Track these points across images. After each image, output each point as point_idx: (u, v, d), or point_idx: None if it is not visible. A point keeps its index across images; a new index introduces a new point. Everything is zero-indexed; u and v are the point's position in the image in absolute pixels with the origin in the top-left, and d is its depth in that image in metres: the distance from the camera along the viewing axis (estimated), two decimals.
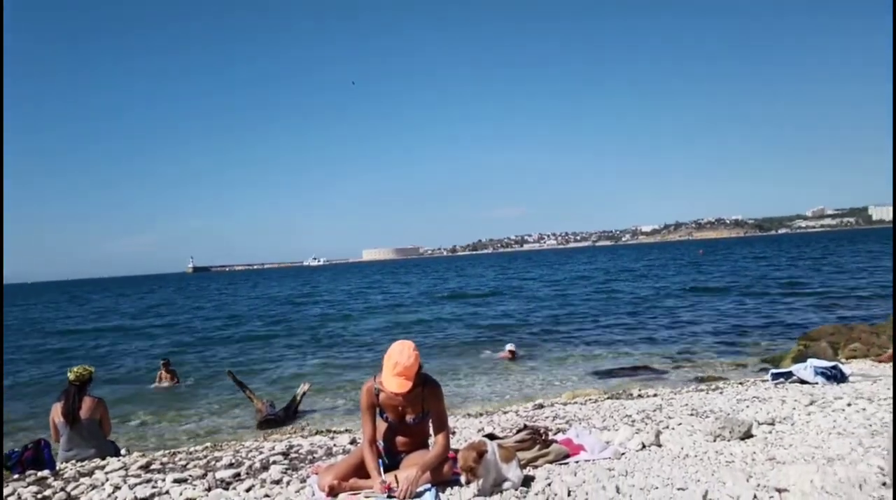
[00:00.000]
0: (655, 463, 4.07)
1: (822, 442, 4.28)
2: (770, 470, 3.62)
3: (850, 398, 5.63)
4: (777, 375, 7.45)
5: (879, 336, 9.70)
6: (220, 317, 29.57)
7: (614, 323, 18.07)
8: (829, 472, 3.35)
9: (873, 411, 5.06)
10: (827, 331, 10.77)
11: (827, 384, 6.70)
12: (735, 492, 3.24)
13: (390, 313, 26.42)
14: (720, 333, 14.90)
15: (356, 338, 18.37)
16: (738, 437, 4.57)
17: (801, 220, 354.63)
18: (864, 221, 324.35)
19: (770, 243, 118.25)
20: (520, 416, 6.74)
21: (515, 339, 14.77)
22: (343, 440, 5.94)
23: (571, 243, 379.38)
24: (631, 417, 5.94)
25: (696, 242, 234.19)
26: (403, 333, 18.71)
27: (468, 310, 25.51)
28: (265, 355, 15.86)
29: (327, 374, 12.63)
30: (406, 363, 3.60)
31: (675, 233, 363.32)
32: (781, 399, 6.03)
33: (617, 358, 12.35)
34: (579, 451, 4.42)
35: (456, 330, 18.78)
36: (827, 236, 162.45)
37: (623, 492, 3.47)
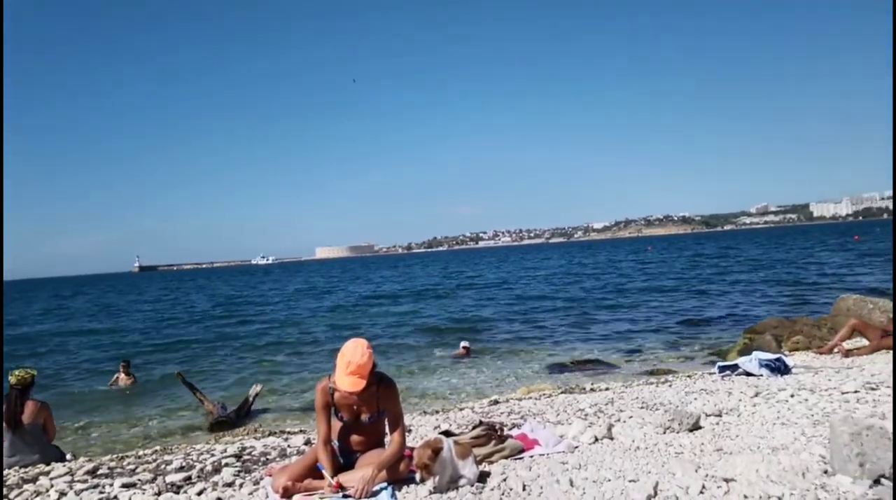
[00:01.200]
0: (608, 456, 4.15)
1: (767, 432, 4.43)
2: (718, 461, 3.72)
3: (793, 390, 5.83)
4: (723, 368, 7.65)
5: (821, 329, 10.05)
6: (169, 318, 28.86)
7: (568, 319, 18.31)
8: (774, 461, 3.47)
9: (815, 402, 5.25)
10: (771, 324, 11.11)
11: (771, 376, 6.91)
12: (684, 483, 3.32)
13: (342, 312, 26.22)
14: (669, 327, 15.25)
15: (308, 337, 18.15)
16: (686, 429, 4.70)
17: (745, 216, 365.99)
18: (806, 217, 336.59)
19: (716, 239, 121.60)
20: (475, 412, 6.77)
21: (470, 336, 14.83)
22: (297, 441, 5.88)
23: (525, 240, 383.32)
24: (584, 411, 6.04)
25: (646, 238, 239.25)
26: (356, 331, 18.59)
27: (423, 307, 25.50)
28: (215, 357, 15.55)
29: (280, 374, 12.46)
30: (360, 362, 3.58)
31: (625, 230, 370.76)
32: (728, 391, 6.21)
33: (570, 353, 12.52)
34: (534, 445, 4.47)
35: (411, 328, 18.75)
36: (770, 232, 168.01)
37: (576, 485, 3.52)
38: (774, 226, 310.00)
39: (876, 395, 5.24)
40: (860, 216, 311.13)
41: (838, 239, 69.08)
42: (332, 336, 17.79)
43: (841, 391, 5.47)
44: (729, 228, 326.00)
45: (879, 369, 6.48)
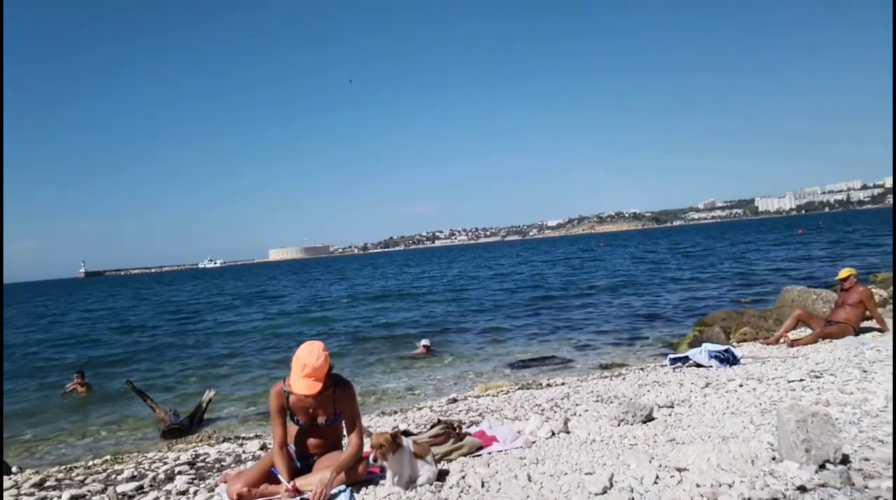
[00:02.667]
0: (564, 450, 4.20)
1: (717, 422, 4.54)
2: (671, 451, 3.80)
3: (742, 379, 6.00)
4: (675, 360, 7.83)
5: (767, 320, 10.37)
6: (117, 324, 28.04)
7: (525, 316, 18.46)
8: (724, 450, 3.56)
9: (763, 391, 5.41)
10: (720, 317, 11.41)
11: (720, 367, 7.10)
12: (639, 473, 3.39)
13: (297, 314, 25.89)
14: (623, 321, 15.52)
15: (261, 341, 17.86)
16: (640, 420, 4.79)
17: (694, 212, 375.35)
18: (751, 212, 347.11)
19: (666, 235, 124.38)
20: (434, 411, 6.78)
21: (430, 334, 14.82)
22: (252, 446, 5.79)
23: (482, 239, 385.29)
24: (541, 406, 6.10)
25: (599, 234, 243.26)
26: (311, 333, 18.39)
27: (383, 307, 25.38)
28: (166, 363, 15.17)
29: (234, 379, 12.23)
30: (315, 364, 3.54)
31: (578, 227, 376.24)
32: (679, 383, 6.36)
33: (528, 349, 12.63)
34: (492, 442, 4.50)
35: (369, 328, 18.64)
36: (718, 227, 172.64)
37: (534, 480, 3.56)
38: (721, 221, 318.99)
39: (820, 383, 5.42)
40: (803, 210, 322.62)
41: (782, 233, 71.42)
42: (286, 340, 17.54)
43: (787, 380, 5.65)
44: (678, 224, 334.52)
45: (823, 358, 6.72)
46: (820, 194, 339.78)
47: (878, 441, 3.58)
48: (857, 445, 3.53)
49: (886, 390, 4.71)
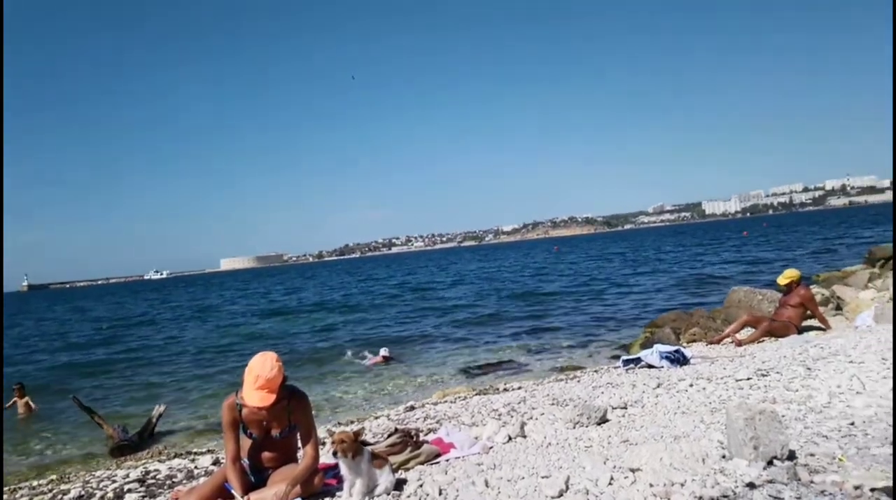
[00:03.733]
0: (521, 454, 4.22)
1: (669, 422, 4.64)
2: (624, 452, 3.86)
3: (692, 379, 6.14)
4: (627, 361, 7.96)
5: (715, 320, 10.65)
6: (60, 338, 27.06)
7: (481, 321, 18.54)
8: (676, 449, 3.63)
9: (712, 390, 5.54)
10: (670, 318, 11.66)
11: (671, 367, 7.25)
12: (594, 475, 3.43)
13: (250, 325, 25.42)
14: (576, 324, 15.73)
15: (213, 352, 17.48)
16: (595, 422, 4.85)
17: (644, 216, 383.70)
18: (699, 215, 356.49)
19: (618, 238, 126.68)
20: (391, 420, 6.73)
21: (388, 343, 14.74)
22: (205, 461, 5.66)
23: (438, 245, 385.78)
24: (498, 411, 6.12)
25: (553, 239, 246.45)
26: (264, 345, 18.07)
27: (338, 317, 25.14)
28: (113, 378, 14.70)
29: (184, 393, 11.93)
30: (268, 376, 3.47)
31: (533, 232, 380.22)
32: (632, 384, 6.46)
33: (485, 355, 12.67)
34: (450, 449, 4.50)
35: (326, 338, 18.43)
36: (667, 230, 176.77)
37: (492, 485, 3.56)
38: (670, 224, 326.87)
39: (767, 381, 5.59)
40: (748, 213, 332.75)
41: (728, 235, 73.51)
42: (239, 350, 17.21)
43: (735, 379, 5.81)
44: (629, 228, 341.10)
45: (769, 357, 6.93)
46: (764, 197, 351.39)
47: (822, 437, 3.71)
48: (802, 441, 3.65)
49: (829, 386, 4.89)
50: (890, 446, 3.38)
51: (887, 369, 5.08)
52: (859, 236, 40.14)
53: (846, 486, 2.82)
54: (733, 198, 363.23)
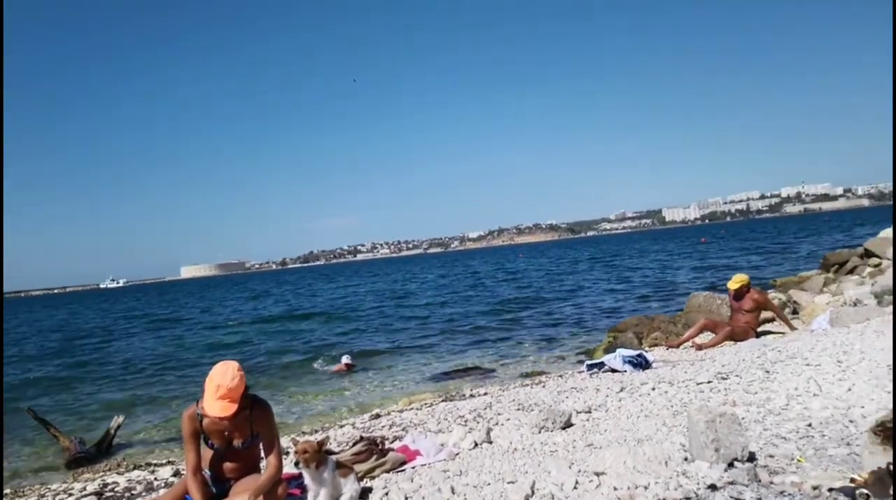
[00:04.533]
0: (487, 460, 4.22)
1: (633, 425, 4.68)
2: (589, 455, 3.89)
3: (654, 383, 6.22)
4: (591, 366, 8.02)
5: (676, 325, 10.82)
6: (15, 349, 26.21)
7: (446, 328, 18.52)
8: (640, 452, 3.67)
9: (674, 393, 5.62)
10: (632, 323, 11.81)
11: (634, 371, 7.33)
12: (559, 480, 3.44)
13: (210, 334, 24.97)
14: (541, 330, 15.83)
15: (172, 363, 17.11)
16: (560, 427, 4.88)
17: (606, 222, 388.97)
18: (659, 221, 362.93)
19: (581, 245, 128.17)
20: (356, 428, 6.67)
21: (352, 351, 14.63)
22: (165, 473, 5.54)
23: (404, 252, 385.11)
24: (464, 417, 6.11)
25: (518, 245, 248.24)
26: (225, 354, 17.77)
27: (301, 325, 24.88)
28: (71, 390, 14.29)
29: (143, 404, 11.64)
30: (230, 385, 3.40)
31: (498, 238, 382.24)
32: (596, 388, 6.52)
33: (450, 361, 12.65)
34: (416, 456, 4.47)
35: (288, 347, 18.20)
36: (628, 236, 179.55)
37: (458, 492, 3.55)
38: (632, 230, 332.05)
39: (727, 384, 5.69)
40: (706, 219, 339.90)
41: (688, 241, 74.95)
42: (199, 360, 16.90)
43: (696, 382, 5.90)
44: (592, 234, 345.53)
45: (728, 360, 7.06)
46: (722, 204, 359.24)
47: (781, 438, 3.79)
48: (762, 443, 3.72)
49: (787, 389, 5.00)
50: (846, 446, 3.47)
51: (842, 372, 5.21)
52: (815, 242, 41.32)
53: (805, 486, 2.88)
54: (692, 205, 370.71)
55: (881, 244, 14.57)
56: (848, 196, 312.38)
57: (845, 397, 4.47)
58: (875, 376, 4.86)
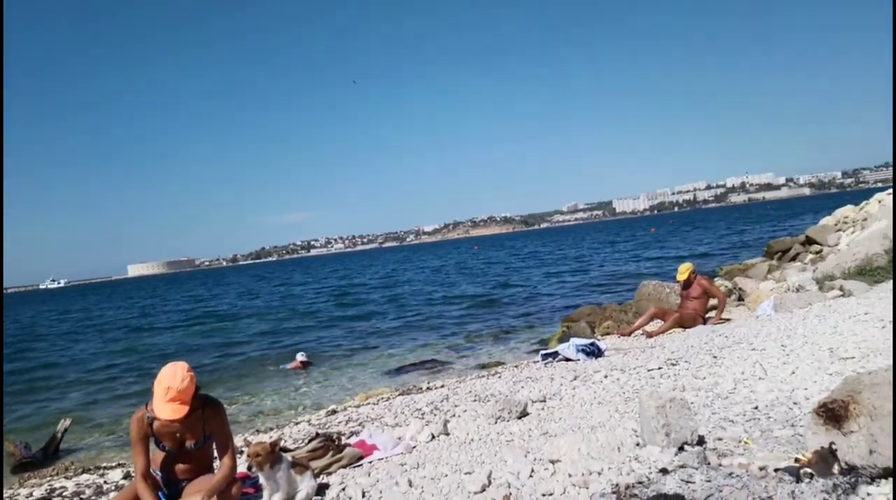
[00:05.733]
0: (444, 452, 4.23)
1: (586, 413, 4.76)
2: (544, 444, 3.94)
3: (607, 371, 6.33)
4: (546, 355, 8.11)
5: (627, 313, 11.05)
6: None
7: (402, 322, 18.51)
8: (593, 439, 3.73)
9: (626, 380, 5.74)
10: (585, 312, 12.01)
11: (587, 360, 7.45)
12: (515, 469, 3.47)
13: (158, 334, 24.38)
14: (497, 321, 15.96)
15: (121, 364, 16.64)
16: (516, 416, 4.92)
17: (559, 214, 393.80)
18: (610, 213, 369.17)
19: (535, 236, 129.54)
20: (312, 425, 6.60)
21: (306, 348, 14.47)
22: (115, 476, 5.39)
23: (359, 246, 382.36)
24: (421, 410, 6.11)
25: (473, 238, 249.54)
26: (175, 355, 17.38)
27: (254, 321, 24.50)
28: (15, 393, 13.76)
29: (92, 407, 11.31)
30: (180, 387, 3.32)
31: (453, 232, 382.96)
32: (551, 377, 6.60)
33: (408, 355, 12.64)
34: (373, 451, 4.45)
35: (241, 345, 17.91)
36: (580, 228, 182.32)
37: (415, 485, 3.55)
38: (584, 222, 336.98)
39: (676, 370, 5.84)
40: (655, 210, 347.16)
41: (638, 231, 76.52)
42: (148, 361, 16.48)
43: (647, 369, 6.04)
44: (545, 226, 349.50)
45: (678, 346, 7.24)
46: (670, 195, 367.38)
47: (729, 421, 3.90)
48: (710, 426, 3.83)
49: (734, 373, 5.15)
50: (791, 427, 3.59)
51: (786, 356, 5.41)
52: (759, 230, 42.68)
53: (752, 468, 2.97)
54: (642, 196, 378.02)
55: (822, 232, 15.15)
56: (790, 185, 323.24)
57: (789, 380, 4.63)
58: (817, 359, 5.05)
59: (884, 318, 6.13)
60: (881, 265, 9.27)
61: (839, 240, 13.79)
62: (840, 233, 14.51)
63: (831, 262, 10.53)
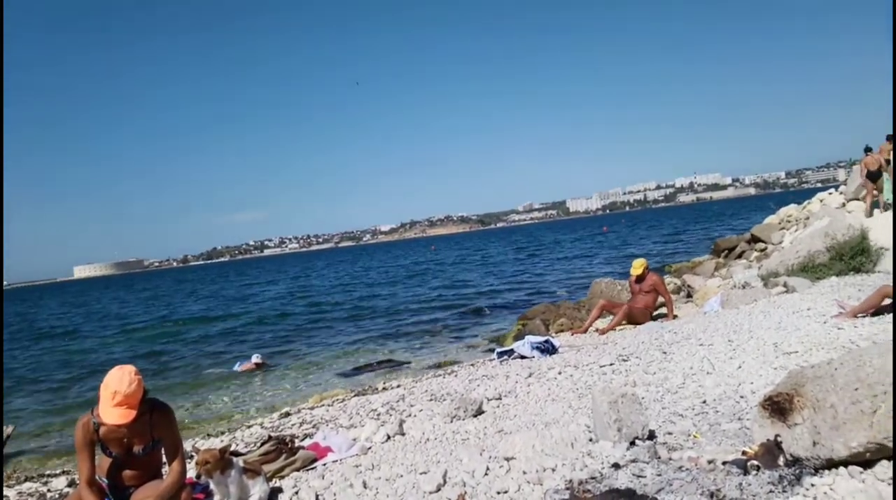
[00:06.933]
0: (400, 452, 4.22)
1: (541, 409, 4.81)
2: (500, 441, 3.96)
3: (560, 367, 6.40)
4: (502, 353, 8.16)
5: (580, 311, 11.20)
6: None
7: (357, 322, 18.38)
8: (547, 435, 3.77)
9: (579, 377, 5.81)
10: (539, 310, 12.13)
11: (542, 357, 7.52)
12: (471, 467, 3.48)
13: (104, 337, 23.67)
14: (453, 320, 15.99)
15: (65, 368, 16.10)
16: (471, 415, 4.94)
17: (514, 214, 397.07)
18: (564, 212, 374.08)
19: (491, 236, 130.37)
20: (265, 428, 6.51)
21: (261, 349, 14.23)
22: (59, 484, 5.23)
23: (314, 246, 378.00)
24: (376, 410, 6.08)
25: (430, 238, 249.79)
26: (122, 358, 16.91)
27: (206, 326, 24.00)
28: None
29: (35, 413, 10.90)
30: (127, 391, 3.22)
31: (410, 231, 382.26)
32: (506, 375, 6.65)
33: (363, 355, 12.53)
34: (327, 453, 4.41)
35: (191, 346, 17.51)
36: (535, 227, 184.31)
37: (370, 486, 3.53)
38: (539, 221, 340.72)
39: (627, 365, 5.94)
40: (608, 210, 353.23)
41: (591, 231, 77.74)
42: (93, 364, 15.99)
43: (599, 365, 6.13)
44: (501, 225, 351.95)
45: (629, 343, 7.38)
46: (622, 195, 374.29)
47: (678, 416, 3.99)
48: (660, 421, 3.90)
49: (683, 368, 5.27)
50: (738, 420, 3.69)
51: (733, 350, 5.55)
52: (707, 229, 43.81)
53: (701, 461, 3.04)
54: (594, 196, 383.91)
55: (766, 230, 15.65)
56: (736, 185, 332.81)
57: (736, 375, 4.76)
58: (762, 354, 5.21)
59: (825, 313, 6.35)
60: (823, 262, 9.60)
61: (783, 238, 14.25)
62: (784, 231, 15.02)
63: (775, 259, 10.86)
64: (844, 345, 4.89)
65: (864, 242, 9.49)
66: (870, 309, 5.87)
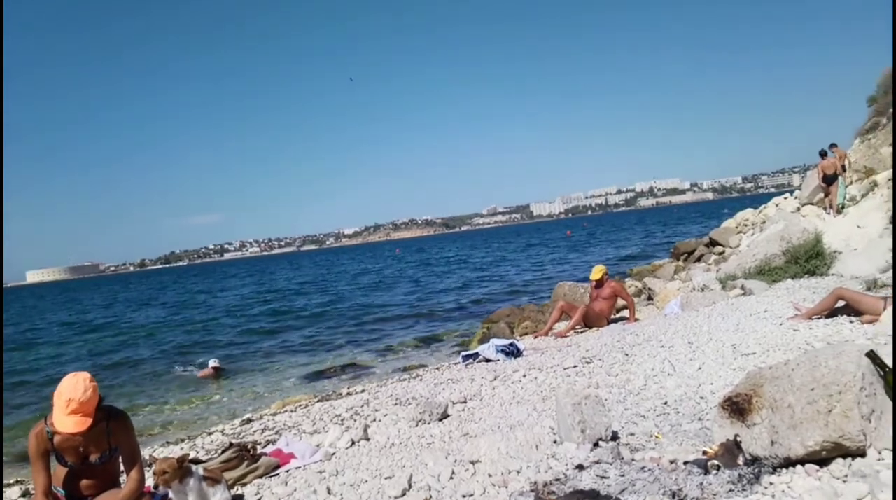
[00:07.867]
0: (364, 457, 4.18)
1: (506, 412, 4.82)
2: (465, 445, 3.95)
3: (525, 370, 6.43)
4: (467, 356, 8.17)
5: (544, 314, 11.28)
6: None
7: (320, 326, 18.21)
8: (512, 438, 3.78)
9: (544, 379, 5.85)
10: (504, 313, 12.20)
11: (507, 360, 7.54)
12: (436, 471, 3.47)
13: (55, 343, 22.99)
14: (418, 324, 15.97)
15: (15, 375, 15.57)
16: (436, 419, 4.93)
17: (479, 217, 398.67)
18: (528, 216, 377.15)
19: (455, 239, 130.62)
20: (226, 434, 6.38)
21: (219, 354, 13.98)
22: (12, 494, 5.07)
23: (276, 250, 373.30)
24: (340, 416, 6.02)
25: (394, 241, 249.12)
26: (76, 365, 16.44)
27: (160, 327, 23.50)
28: None
29: None
30: (82, 399, 3.13)
31: (375, 234, 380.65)
32: (471, 378, 6.65)
33: (327, 360, 12.41)
34: (290, 459, 4.35)
35: (147, 352, 17.12)
36: (499, 231, 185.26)
37: (334, 492, 3.49)
38: (503, 225, 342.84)
39: (591, 368, 6.00)
40: (570, 213, 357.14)
41: (554, 234, 78.49)
42: (46, 372, 15.52)
43: (563, 367, 6.18)
44: (465, 229, 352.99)
45: (592, 345, 7.45)
46: (584, 199, 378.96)
47: (640, 417, 4.04)
48: (623, 422, 3.95)
49: (645, 370, 5.35)
50: (698, 421, 3.76)
51: (693, 352, 5.65)
52: (666, 233, 44.63)
53: (663, 461, 3.09)
54: (557, 200, 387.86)
55: (724, 234, 15.99)
56: (695, 190, 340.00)
57: (696, 376, 4.85)
58: (721, 355, 5.31)
59: (781, 315, 6.51)
60: (779, 265, 9.85)
61: (740, 242, 14.59)
62: (741, 235, 15.38)
63: (733, 262, 11.10)
64: (800, 346, 5.02)
65: (818, 245, 9.76)
66: (824, 311, 6.04)
